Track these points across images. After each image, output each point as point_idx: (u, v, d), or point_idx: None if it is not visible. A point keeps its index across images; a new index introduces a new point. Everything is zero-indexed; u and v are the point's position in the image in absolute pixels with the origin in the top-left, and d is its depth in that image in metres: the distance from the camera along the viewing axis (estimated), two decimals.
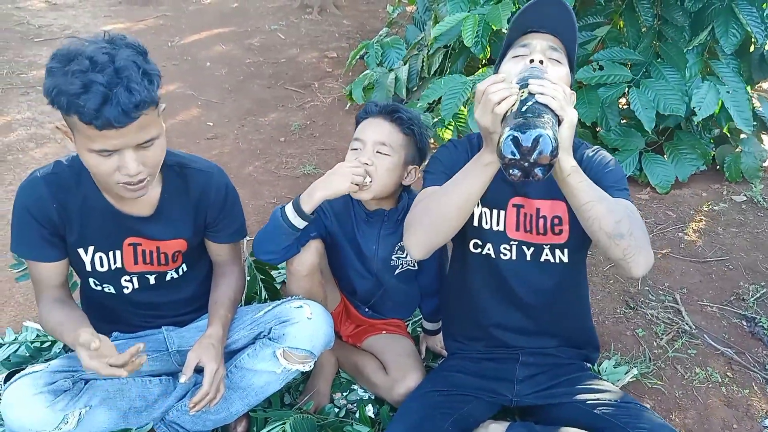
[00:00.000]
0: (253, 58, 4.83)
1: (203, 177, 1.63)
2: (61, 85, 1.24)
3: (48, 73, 1.28)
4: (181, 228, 1.64)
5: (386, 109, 1.77)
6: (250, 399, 1.67)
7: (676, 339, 2.26)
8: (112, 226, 1.57)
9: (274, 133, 3.76)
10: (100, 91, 1.23)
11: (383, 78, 3.80)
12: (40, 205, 1.51)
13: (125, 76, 1.26)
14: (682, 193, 3.18)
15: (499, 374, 1.71)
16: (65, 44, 1.30)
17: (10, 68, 4.41)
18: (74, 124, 1.29)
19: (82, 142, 1.31)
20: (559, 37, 1.51)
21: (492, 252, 1.63)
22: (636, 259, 1.35)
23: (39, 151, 3.42)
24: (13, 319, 2.25)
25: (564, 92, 1.25)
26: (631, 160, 3.13)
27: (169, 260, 1.66)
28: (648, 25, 3.21)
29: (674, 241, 2.82)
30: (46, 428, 1.51)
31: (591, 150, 1.60)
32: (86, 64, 1.24)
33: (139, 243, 1.61)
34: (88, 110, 1.23)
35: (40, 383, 1.52)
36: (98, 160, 1.33)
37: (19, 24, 5.23)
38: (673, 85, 3.00)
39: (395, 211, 1.85)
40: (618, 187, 1.49)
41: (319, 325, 1.64)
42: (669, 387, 2.06)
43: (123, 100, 1.24)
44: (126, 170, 1.35)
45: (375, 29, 5.35)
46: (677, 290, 2.51)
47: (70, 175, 1.52)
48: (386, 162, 1.73)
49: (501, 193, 1.58)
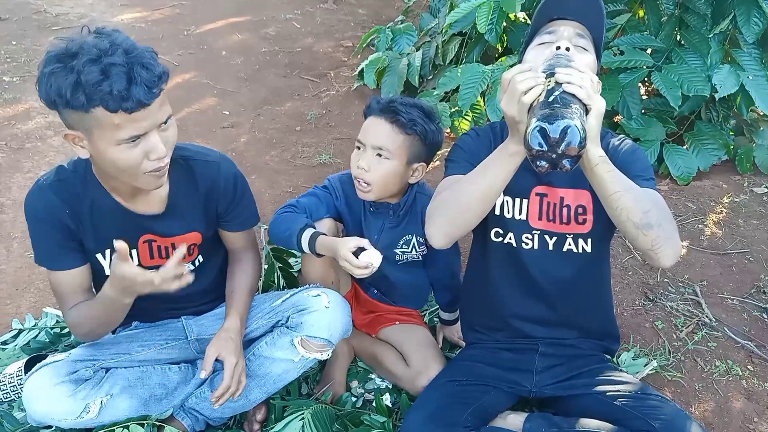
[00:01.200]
0: (269, 47, 4.82)
1: (210, 168, 1.60)
2: (77, 79, 1.19)
3: (47, 77, 1.22)
4: (194, 221, 1.63)
5: (387, 110, 1.72)
6: (268, 387, 1.67)
7: (696, 331, 2.24)
8: (126, 226, 1.54)
9: (290, 123, 3.75)
10: (122, 72, 1.21)
11: (396, 63, 3.74)
12: (52, 211, 1.48)
13: (136, 55, 1.24)
14: (702, 185, 3.14)
15: (518, 365, 1.71)
16: (52, 47, 1.24)
17: (28, 56, 4.42)
18: (95, 120, 1.24)
19: (107, 137, 1.27)
20: (585, 24, 1.49)
21: (513, 241, 1.61)
22: (664, 249, 1.34)
23: (57, 139, 3.43)
24: (33, 305, 2.27)
25: (591, 80, 1.23)
26: (653, 150, 3.08)
27: (186, 254, 1.65)
28: (669, 13, 3.16)
29: (694, 233, 2.79)
30: (68, 417, 1.52)
31: (617, 139, 1.58)
32: (95, 52, 1.21)
33: (154, 240, 1.59)
34: (116, 94, 1.20)
35: (61, 373, 1.53)
36: (126, 152, 1.30)
37: (36, 12, 5.24)
38: (695, 69, 2.95)
39: (398, 205, 1.84)
40: (644, 177, 1.47)
41: (337, 314, 1.64)
42: (688, 379, 2.05)
43: (145, 77, 1.23)
44: (156, 153, 1.32)
45: (390, 18, 5.31)
46: (697, 282, 2.48)
47: (75, 180, 1.49)
48: (385, 166, 1.72)
49: (524, 182, 1.56)
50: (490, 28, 3.15)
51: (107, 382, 1.59)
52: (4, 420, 1.64)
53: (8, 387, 1.81)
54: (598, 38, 1.50)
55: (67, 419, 1.52)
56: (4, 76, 4.11)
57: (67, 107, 1.24)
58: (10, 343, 2.07)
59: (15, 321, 2.16)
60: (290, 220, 1.74)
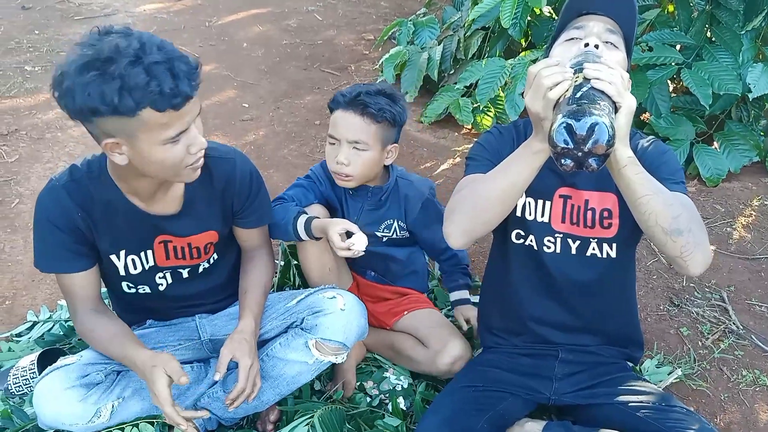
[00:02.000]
0: (290, 39, 4.79)
1: (226, 165, 1.58)
2: (124, 84, 1.16)
3: (84, 87, 1.17)
4: (210, 220, 1.60)
5: (355, 103, 1.74)
6: (282, 389, 1.65)
7: (723, 339, 2.17)
8: (141, 227, 1.52)
9: (310, 116, 3.72)
10: (165, 69, 1.19)
11: (416, 57, 3.68)
12: (63, 213, 1.45)
13: (168, 50, 1.23)
14: (731, 186, 3.05)
15: (537, 371, 1.66)
16: (74, 56, 1.20)
17: (50, 46, 4.44)
18: (140, 124, 1.22)
19: (153, 138, 1.25)
20: (616, 19, 1.42)
21: (534, 244, 1.56)
22: (694, 256, 1.28)
23: (77, 130, 3.42)
24: (48, 297, 2.27)
25: (622, 77, 1.17)
26: (682, 150, 2.98)
27: (202, 253, 1.63)
28: (700, 8, 3.07)
29: (722, 237, 2.71)
30: (78, 422, 1.50)
31: (646, 140, 1.51)
32: (132, 53, 1.18)
33: (170, 240, 1.57)
34: (165, 92, 1.18)
35: (72, 377, 1.50)
36: (171, 149, 1.29)
37: (59, 2, 5.26)
38: (726, 66, 2.86)
39: (380, 189, 1.89)
40: (674, 180, 1.41)
41: (353, 317, 1.61)
42: (714, 389, 1.98)
43: (185, 69, 1.22)
44: (197, 145, 1.33)
45: (413, 11, 5.25)
46: (724, 288, 2.41)
47: (89, 180, 1.47)
48: (364, 157, 1.77)
49: (547, 183, 1.51)
50: (514, 23, 3.08)
51: (119, 386, 1.57)
52: (14, 415, 1.63)
53: (21, 380, 1.80)
54: (629, 34, 1.44)
55: (77, 424, 1.50)
56: (26, 65, 4.13)
57: (113, 114, 1.20)
58: (25, 335, 2.06)
59: (30, 313, 2.15)
60: (283, 210, 1.78)
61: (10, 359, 1.95)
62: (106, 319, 1.54)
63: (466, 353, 1.85)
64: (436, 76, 3.60)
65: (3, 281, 2.34)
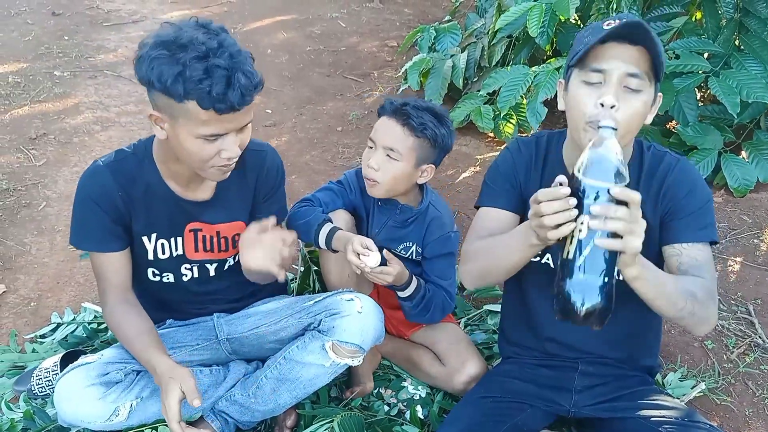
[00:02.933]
0: (314, 45, 4.82)
1: (259, 156, 1.64)
2: (180, 72, 1.25)
3: (151, 60, 1.27)
4: (240, 211, 1.64)
5: (399, 112, 1.74)
6: (299, 392, 1.65)
7: (748, 353, 2.13)
8: (175, 212, 1.58)
9: (332, 123, 3.73)
10: (223, 75, 1.25)
11: (440, 64, 3.67)
12: (105, 192, 1.51)
13: (239, 61, 1.29)
14: (758, 197, 2.99)
15: (556, 383, 1.63)
16: (162, 31, 1.30)
17: (79, 52, 4.51)
18: (185, 111, 1.30)
19: (189, 128, 1.32)
20: (643, 44, 1.31)
21: (551, 262, 1.55)
22: (696, 328, 1.40)
23: (104, 134, 3.49)
24: (73, 299, 2.30)
25: (630, 215, 1.09)
26: (710, 160, 2.92)
27: (229, 245, 1.66)
28: (728, 16, 3.02)
29: (749, 248, 2.65)
30: (97, 420, 1.52)
31: (676, 165, 1.47)
32: (203, 50, 1.26)
33: (200, 228, 1.61)
34: (213, 95, 1.25)
35: (92, 375, 1.53)
36: (203, 145, 1.35)
37: (89, 8, 5.35)
38: (755, 75, 2.81)
39: (409, 210, 1.86)
40: (699, 225, 1.43)
41: (370, 320, 1.61)
42: (738, 404, 1.94)
43: (243, 83, 1.27)
44: (228, 153, 1.38)
45: (437, 18, 5.26)
46: (750, 301, 2.36)
47: (133, 162, 1.54)
48: (394, 167, 1.75)
49: None
50: (542, 31, 3.06)
51: (138, 385, 1.58)
52: (36, 416, 1.65)
53: (44, 381, 1.83)
54: (657, 59, 1.33)
55: (96, 422, 1.52)
56: (56, 70, 4.21)
57: (164, 93, 1.29)
58: (48, 337, 2.09)
59: (54, 315, 2.19)
60: (308, 213, 1.79)
61: (34, 360, 1.98)
62: (135, 315, 1.57)
63: (483, 373, 1.83)
64: (461, 84, 3.60)
65: (28, 283, 2.39)
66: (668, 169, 1.47)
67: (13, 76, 4.09)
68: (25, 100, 3.80)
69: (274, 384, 1.64)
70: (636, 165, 1.48)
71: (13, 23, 4.94)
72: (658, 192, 1.46)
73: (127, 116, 3.71)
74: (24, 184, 2.99)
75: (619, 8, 2.86)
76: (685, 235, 1.43)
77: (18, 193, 2.92)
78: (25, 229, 2.68)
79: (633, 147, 1.48)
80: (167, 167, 1.53)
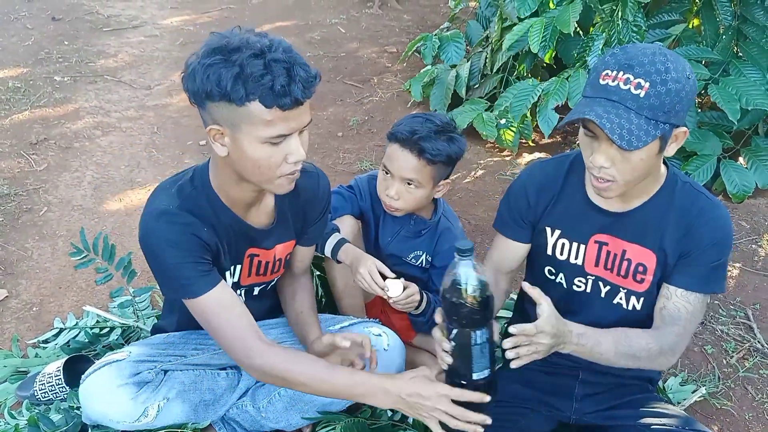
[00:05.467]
0: (314, 51, 4.84)
1: (311, 179, 1.59)
2: (240, 72, 1.20)
3: (206, 68, 1.22)
4: (293, 229, 1.62)
5: (412, 143, 1.70)
6: (311, 414, 1.66)
7: (748, 357, 2.14)
8: (241, 239, 1.52)
9: (332, 128, 3.75)
10: (283, 68, 1.21)
11: (444, 75, 3.72)
12: (192, 231, 1.39)
13: (293, 55, 1.25)
14: (756, 203, 3.01)
15: (558, 390, 1.65)
16: (210, 40, 1.26)
17: (80, 57, 4.53)
18: (248, 116, 1.24)
19: (254, 133, 1.26)
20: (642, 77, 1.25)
21: (564, 282, 1.57)
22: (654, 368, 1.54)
23: (105, 139, 3.50)
24: (75, 304, 2.30)
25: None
26: (709, 166, 2.95)
27: (281, 267, 1.65)
28: (727, 24, 3.05)
29: (747, 254, 2.67)
30: (126, 420, 1.52)
31: (711, 211, 1.43)
32: (258, 47, 1.22)
33: (257, 254, 1.58)
34: (276, 89, 1.20)
35: (125, 374, 1.51)
36: (270, 151, 1.29)
37: (88, 13, 5.37)
38: (755, 82, 2.84)
39: (423, 223, 1.88)
40: (709, 277, 1.44)
41: (394, 358, 1.64)
42: (738, 409, 1.95)
43: (303, 76, 1.23)
44: (295, 156, 1.31)
45: (435, 24, 5.29)
46: (749, 306, 2.38)
47: (200, 195, 1.44)
48: (415, 195, 1.76)
49: (584, 227, 1.51)
50: (543, 45, 3.10)
51: (165, 386, 1.57)
52: (40, 422, 1.65)
53: (46, 386, 1.83)
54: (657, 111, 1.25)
55: (125, 422, 1.51)
56: (56, 75, 4.22)
57: (223, 99, 1.23)
58: (51, 342, 2.10)
59: (57, 320, 2.19)
60: None
61: (37, 365, 1.98)
62: (292, 355, 1.43)
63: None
64: (464, 93, 3.64)
65: (30, 288, 2.39)
66: (700, 213, 1.43)
67: (14, 81, 4.10)
68: (25, 105, 3.81)
69: (288, 403, 1.64)
70: (665, 197, 1.45)
71: (12, 28, 4.96)
72: (686, 232, 1.43)
73: (127, 121, 3.73)
74: (25, 189, 2.99)
75: (624, 15, 2.89)
76: (688, 283, 1.43)
77: (19, 198, 2.93)
78: (27, 234, 2.68)
79: (666, 176, 1.44)
80: (226, 194, 1.45)
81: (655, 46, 1.28)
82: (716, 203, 1.44)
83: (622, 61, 1.26)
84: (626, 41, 2.90)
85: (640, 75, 1.23)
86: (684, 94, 1.25)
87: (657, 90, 1.23)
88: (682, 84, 1.24)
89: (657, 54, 1.25)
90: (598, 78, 1.29)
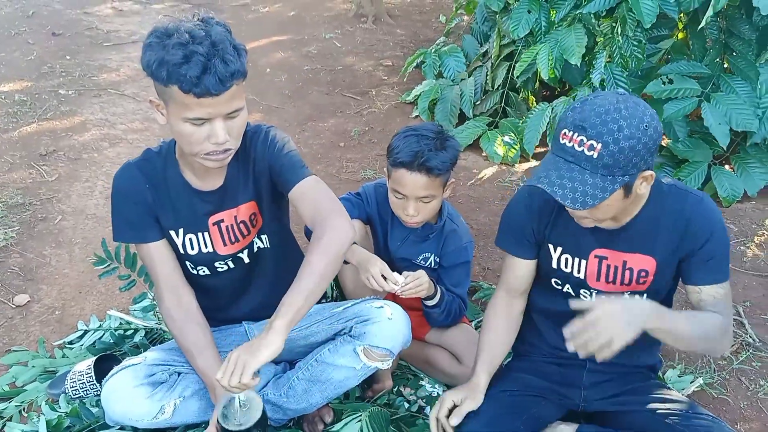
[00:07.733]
0: (311, 65, 4.95)
1: (254, 137, 1.64)
2: (163, 57, 1.35)
3: (147, 48, 1.39)
4: (248, 191, 1.68)
5: (419, 165, 1.77)
6: (329, 392, 1.74)
7: (740, 351, 2.26)
8: (196, 204, 1.66)
9: (334, 138, 3.85)
10: (200, 61, 1.34)
11: (448, 92, 3.85)
12: (135, 186, 1.63)
13: (221, 49, 1.36)
14: (743, 207, 3.16)
15: (566, 379, 1.74)
16: (161, 23, 1.41)
17: (82, 71, 4.60)
18: (171, 95, 1.39)
19: (178, 111, 1.41)
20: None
21: (571, 291, 1.67)
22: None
23: (112, 151, 3.57)
24: (96, 308, 2.38)
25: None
26: (700, 172, 3.10)
27: (250, 227, 1.72)
28: (713, 38, 3.18)
29: (736, 255, 2.81)
30: (145, 418, 1.62)
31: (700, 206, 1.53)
32: (186, 38, 1.35)
33: (222, 219, 1.68)
34: (189, 78, 1.34)
35: (140, 375, 1.63)
36: (192, 128, 1.43)
37: (88, 29, 5.45)
38: (744, 99, 2.99)
39: (430, 227, 1.98)
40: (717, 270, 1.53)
41: (399, 326, 1.70)
42: (734, 397, 2.07)
43: (220, 70, 1.35)
44: (215, 138, 1.45)
45: (429, 39, 5.43)
46: (740, 303, 2.51)
47: (158, 158, 1.66)
48: (430, 206, 1.87)
49: (583, 243, 1.60)
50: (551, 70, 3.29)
51: (180, 385, 1.68)
52: (82, 414, 1.74)
53: (77, 384, 1.90)
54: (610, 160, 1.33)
55: (144, 419, 1.62)
56: (60, 89, 4.29)
57: (152, 77, 1.40)
58: (76, 343, 2.17)
59: (80, 323, 2.26)
60: None
61: (65, 365, 2.06)
62: (194, 326, 1.66)
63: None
64: (471, 112, 3.78)
65: (51, 293, 2.46)
66: (692, 210, 1.52)
67: (19, 94, 4.17)
68: (32, 117, 3.88)
69: (306, 385, 1.72)
70: (656, 203, 1.53)
71: (14, 43, 5.02)
72: (684, 232, 1.52)
73: (133, 133, 3.81)
74: (39, 198, 3.07)
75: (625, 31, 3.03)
76: (704, 279, 1.54)
77: (33, 207, 3.00)
78: (44, 242, 2.76)
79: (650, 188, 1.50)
80: (184, 159, 1.63)
81: (611, 100, 1.34)
82: (701, 197, 1.54)
83: (576, 121, 1.34)
84: (628, 56, 3.04)
85: (593, 137, 1.31)
86: (640, 147, 1.32)
87: (609, 150, 1.30)
88: (637, 139, 1.31)
89: (611, 112, 1.31)
90: (559, 135, 1.39)
